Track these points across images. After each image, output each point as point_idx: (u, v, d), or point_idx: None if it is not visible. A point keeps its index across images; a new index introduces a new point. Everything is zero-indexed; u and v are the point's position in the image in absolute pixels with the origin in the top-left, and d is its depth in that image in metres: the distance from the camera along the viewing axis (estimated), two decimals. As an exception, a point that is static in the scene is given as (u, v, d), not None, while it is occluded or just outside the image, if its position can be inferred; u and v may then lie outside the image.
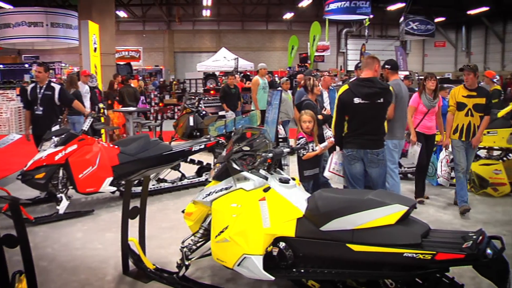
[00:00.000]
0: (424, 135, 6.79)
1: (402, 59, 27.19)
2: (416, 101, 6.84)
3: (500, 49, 37.80)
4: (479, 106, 6.28)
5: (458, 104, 6.39)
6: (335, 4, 23.07)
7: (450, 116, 6.52)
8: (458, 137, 6.40)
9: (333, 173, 5.32)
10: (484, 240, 2.98)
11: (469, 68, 6.37)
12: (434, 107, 6.81)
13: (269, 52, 39.87)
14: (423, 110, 6.78)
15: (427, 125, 6.85)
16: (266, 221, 3.59)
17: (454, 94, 6.49)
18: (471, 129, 6.32)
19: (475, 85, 6.35)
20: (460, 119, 6.37)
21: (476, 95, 6.28)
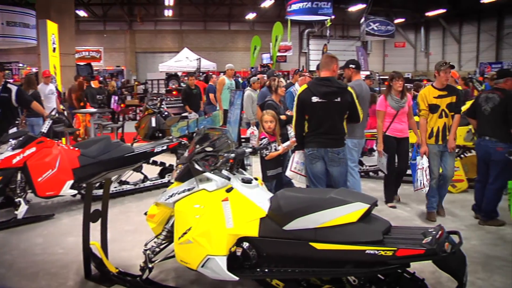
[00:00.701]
0: (396, 139, 6.54)
1: (363, 59, 27.62)
2: (382, 105, 6.54)
3: (457, 49, 38.96)
4: (451, 105, 6.00)
5: (430, 107, 6.03)
6: (297, 4, 23.21)
7: (423, 121, 6.09)
8: (434, 141, 6.06)
9: (294, 173, 5.36)
10: (443, 236, 3.07)
11: (450, 65, 6.02)
12: (403, 108, 6.49)
13: (232, 52, 39.91)
14: (391, 112, 6.49)
15: (398, 127, 6.54)
16: (229, 221, 3.59)
17: (425, 97, 6.07)
18: (447, 131, 6.03)
19: (443, 84, 6.04)
20: (434, 122, 6.03)
21: (447, 94, 5.99)
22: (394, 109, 6.45)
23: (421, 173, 6.11)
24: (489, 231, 5.79)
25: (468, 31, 38.11)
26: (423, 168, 6.09)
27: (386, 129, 6.52)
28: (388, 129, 6.53)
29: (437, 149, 6.08)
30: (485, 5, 31.99)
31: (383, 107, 6.52)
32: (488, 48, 36.00)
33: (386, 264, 3.08)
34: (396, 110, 6.45)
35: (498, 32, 35.16)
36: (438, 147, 6.07)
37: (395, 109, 6.45)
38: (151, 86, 25.13)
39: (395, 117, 6.49)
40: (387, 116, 6.52)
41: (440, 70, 5.96)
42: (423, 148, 6.11)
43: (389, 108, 6.48)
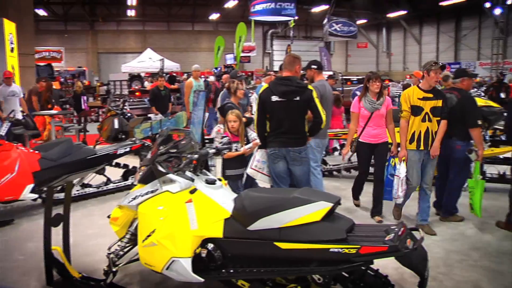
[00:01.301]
0: (369, 145, 6.06)
1: (326, 59, 27.91)
2: (356, 106, 6.10)
3: (418, 50, 39.87)
4: (436, 109, 5.56)
5: (413, 109, 5.59)
6: (260, 5, 23.29)
7: (404, 123, 5.65)
8: (415, 147, 5.60)
9: (255, 171, 5.37)
10: (405, 232, 3.14)
11: (439, 65, 5.60)
12: (378, 109, 5.97)
13: (196, 52, 39.77)
14: (365, 114, 6.02)
15: (372, 132, 6.03)
16: (193, 223, 3.57)
17: (408, 97, 5.63)
18: (429, 136, 5.58)
19: (431, 86, 5.64)
20: (416, 125, 5.58)
21: (432, 97, 5.56)
22: (368, 111, 6.00)
23: (397, 181, 5.69)
24: (449, 226, 5.95)
25: (428, 32, 39.06)
26: (399, 176, 5.66)
27: (359, 134, 6.08)
28: (361, 134, 6.07)
29: (418, 156, 5.63)
30: (443, 7, 32.95)
31: (357, 109, 6.09)
32: (447, 49, 36.95)
33: (350, 261, 3.12)
34: (370, 112, 5.98)
35: (456, 33, 36.15)
36: (419, 154, 5.62)
37: (369, 111, 5.99)
38: (114, 87, 24.80)
39: (369, 120, 6.02)
40: (361, 119, 6.09)
41: (430, 70, 5.52)
42: (402, 152, 5.68)
43: (362, 110, 6.04)
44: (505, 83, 19.35)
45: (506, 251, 5.15)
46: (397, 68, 41.22)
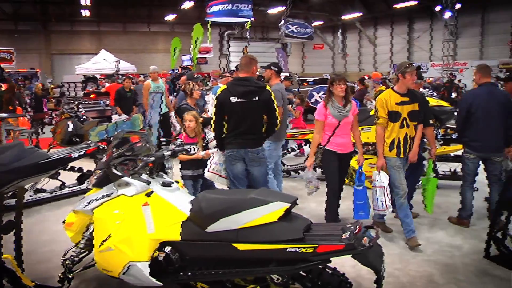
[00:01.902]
0: (338, 155, 5.54)
1: (283, 60, 28.11)
2: (321, 113, 5.51)
3: (373, 51, 40.68)
4: (414, 113, 5.30)
5: (391, 115, 5.27)
6: (217, 6, 23.25)
7: (380, 130, 5.34)
8: (396, 154, 5.29)
9: (213, 173, 5.34)
10: (361, 230, 3.20)
11: (414, 66, 5.30)
12: (346, 117, 5.47)
13: (152, 54, 39.39)
14: (332, 123, 5.45)
15: (339, 141, 5.50)
16: (150, 226, 3.53)
17: (385, 102, 5.28)
18: (408, 143, 5.32)
19: (407, 89, 5.33)
20: (395, 132, 5.29)
21: (409, 101, 5.27)
22: (336, 119, 5.41)
23: (381, 192, 5.30)
24: (404, 224, 6.07)
25: (382, 34, 39.90)
26: (382, 186, 5.30)
27: (326, 143, 5.50)
28: (327, 143, 5.50)
29: (399, 162, 5.32)
30: (396, 10, 33.84)
31: (322, 116, 5.48)
32: (401, 50, 37.84)
33: (307, 260, 3.16)
34: (338, 120, 5.41)
35: (409, 35, 37.07)
36: (400, 160, 5.33)
37: (336, 119, 5.41)
38: (68, 89, 24.23)
39: (336, 128, 5.45)
40: (327, 127, 5.49)
41: (405, 72, 5.19)
42: (380, 161, 5.34)
43: (329, 118, 5.45)
44: (456, 84, 20.00)
45: (458, 245, 5.34)
46: (353, 69, 41.94)
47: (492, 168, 5.79)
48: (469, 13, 30.82)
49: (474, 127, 5.72)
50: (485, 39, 31.12)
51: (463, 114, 5.79)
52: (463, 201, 5.96)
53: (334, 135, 5.47)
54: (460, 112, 5.91)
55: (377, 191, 5.32)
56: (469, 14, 30.84)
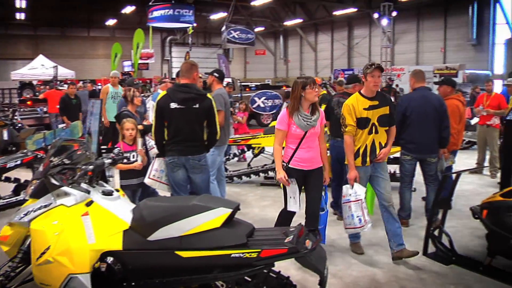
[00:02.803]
0: (303, 172, 4.71)
1: (225, 66, 28.04)
2: (284, 122, 4.68)
3: (314, 57, 41.40)
4: (384, 118, 4.90)
5: (359, 121, 4.83)
6: (158, 11, 22.96)
7: (349, 140, 4.86)
8: (361, 163, 4.89)
9: (153, 180, 5.26)
10: (303, 234, 3.24)
11: (377, 66, 4.84)
12: (313, 127, 4.68)
13: (92, 59, 38.47)
14: (297, 133, 4.64)
15: (305, 156, 4.68)
16: (91, 236, 3.44)
17: (352, 109, 4.82)
18: (376, 149, 4.91)
19: (373, 92, 4.91)
20: (363, 139, 4.87)
21: (378, 105, 4.87)
22: (302, 129, 4.62)
23: (357, 207, 4.80)
24: (346, 226, 6.19)
25: (323, 40, 40.69)
26: (358, 200, 4.81)
27: (289, 159, 4.68)
28: (291, 159, 4.68)
29: (365, 172, 4.97)
30: (337, 17, 34.68)
31: (285, 126, 4.67)
32: (341, 56, 38.70)
33: (251, 266, 3.17)
34: (304, 130, 4.63)
35: (349, 41, 37.97)
36: (366, 170, 4.96)
37: (302, 129, 4.62)
38: (2, 95, 23.33)
39: (302, 140, 4.65)
40: (291, 139, 4.70)
41: (366, 74, 4.81)
42: (353, 173, 4.87)
43: (293, 128, 4.63)
44: (394, 88, 20.68)
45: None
46: (294, 75, 42.40)
47: (428, 168, 6.03)
48: (405, 21, 31.97)
49: (409, 129, 5.92)
50: (421, 46, 32.35)
51: (399, 117, 5.97)
52: (402, 202, 6.15)
53: (299, 148, 4.65)
54: (397, 116, 6.10)
55: (352, 207, 4.80)
56: (405, 21, 31.99)
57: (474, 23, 27.74)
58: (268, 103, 14.58)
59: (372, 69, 4.78)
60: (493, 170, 9.10)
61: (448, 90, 6.61)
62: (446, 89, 6.61)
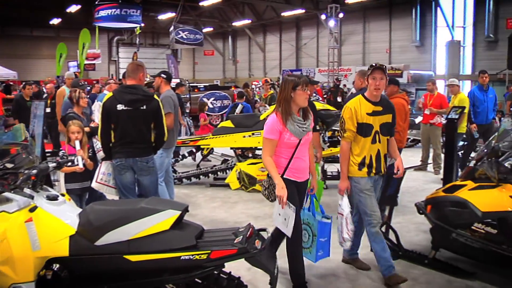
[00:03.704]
0: (296, 184, 4.17)
1: (173, 67, 27.91)
2: (275, 130, 4.03)
3: (262, 57, 41.61)
4: (386, 126, 4.45)
5: (361, 127, 4.35)
6: (105, 11, 22.55)
7: (346, 146, 4.42)
8: (367, 173, 4.41)
9: (101, 184, 5.15)
10: (253, 234, 3.27)
11: (378, 67, 4.34)
12: (307, 133, 4.16)
13: (36, 60, 37.24)
14: (291, 142, 4.06)
15: (300, 166, 4.18)
16: (35, 243, 3.33)
17: (354, 112, 4.34)
18: (381, 160, 4.46)
19: (377, 96, 4.41)
20: (367, 148, 4.38)
21: (382, 111, 4.42)
22: (296, 137, 4.06)
23: (340, 221, 4.42)
24: (296, 225, 6.25)
25: (271, 41, 40.96)
26: (343, 214, 4.41)
27: (284, 170, 4.10)
28: (285, 170, 4.11)
29: (370, 184, 4.46)
30: (285, 18, 35.02)
31: (276, 134, 4.03)
32: (289, 56, 39.06)
33: (202, 267, 3.16)
34: (299, 138, 4.07)
35: (297, 42, 38.39)
36: (371, 180, 4.47)
37: (297, 137, 4.06)
38: None
39: (296, 149, 4.10)
40: (283, 149, 4.09)
41: (368, 76, 4.38)
42: (344, 183, 4.48)
43: (287, 136, 4.03)
44: (341, 88, 21.06)
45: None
46: (243, 75, 42.59)
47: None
48: (352, 22, 32.63)
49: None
50: (367, 47, 33.09)
51: (345, 116, 6.10)
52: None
53: (294, 157, 4.10)
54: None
55: (338, 219, 4.47)
56: (352, 23, 32.65)
57: (418, 26, 28.64)
58: (217, 103, 14.59)
59: (372, 71, 4.33)
60: (436, 167, 9.45)
61: (395, 89, 6.80)
62: (393, 89, 6.79)
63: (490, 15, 24.79)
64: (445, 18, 26.84)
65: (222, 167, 8.72)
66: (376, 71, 4.30)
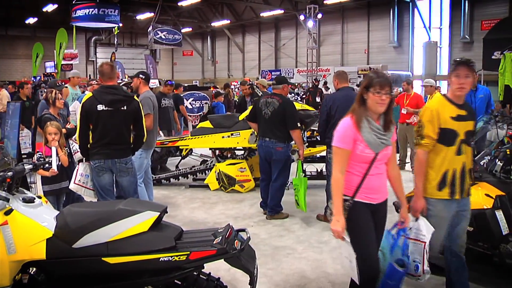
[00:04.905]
0: (371, 207, 3.32)
1: (152, 67, 27.74)
2: (349, 137, 3.23)
3: (241, 58, 41.60)
4: (469, 135, 3.65)
5: (444, 134, 3.54)
6: (82, 11, 22.30)
7: (423, 156, 3.60)
8: (449, 195, 3.56)
9: (79, 185, 5.10)
10: (232, 234, 3.25)
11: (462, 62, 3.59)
12: (387, 147, 3.32)
13: (11, 60, 36.65)
14: (365, 155, 3.23)
15: (375, 185, 3.31)
16: (11, 247, 3.27)
17: (436, 115, 3.53)
18: (465, 178, 3.62)
19: (461, 98, 3.65)
20: (449, 161, 3.56)
21: (467, 116, 3.61)
22: (372, 150, 3.23)
23: (416, 248, 3.48)
24: (276, 224, 6.31)
25: (250, 41, 40.99)
26: (423, 242, 3.46)
27: (355, 190, 3.27)
28: (358, 190, 3.27)
29: (450, 209, 3.61)
30: (264, 18, 35.06)
31: (349, 143, 3.24)
32: (268, 57, 39.13)
33: (181, 268, 3.14)
34: (376, 151, 3.24)
35: (276, 42, 38.47)
36: (451, 205, 3.61)
37: (373, 150, 3.23)
38: None
39: (371, 165, 3.27)
40: (355, 162, 3.28)
41: (451, 74, 3.61)
42: (419, 203, 3.60)
43: (361, 147, 3.22)
44: (320, 89, 21.18)
45: (326, 241, 5.65)
46: (222, 76, 42.54)
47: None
48: (331, 23, 32.81)
49: (334, 128, 6.09)
50: (345, 47, 33.31)
51: (323, 117, 6.14)
52: (329, 199, 6.31)
53: (368, 174, 3.27)
54: (321, 115, 6.27)
55: (409, 246, 3.52)
56: (330, 23, 32.83)
57: (395, 27, 28.96)
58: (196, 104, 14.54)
59: (455, 67, 3.59)
60: (414, 166, 9.55)
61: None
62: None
63: (466, 16, 25.26)
64: (422, 19, 27.17)
65: (201, 168, 8.70)
66: (460, 67, 3.54)
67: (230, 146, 8.37)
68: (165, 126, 9.69)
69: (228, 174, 7.96)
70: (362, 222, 3.26)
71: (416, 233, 3.51)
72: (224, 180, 7.98)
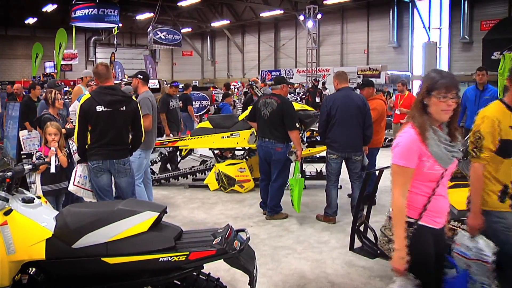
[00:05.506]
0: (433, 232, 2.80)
1: (151, 67, 27.71)
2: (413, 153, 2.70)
3: (241, 58, 41.62)
4: None
5: (505, 146, 3.15)
6: (82, 11, 22.28)
7: (480, 170, 3.20)
8: (510, 207, 3.18)
9: (78, 187, 5.10)
10: (231, 235, 3.24)
11: None
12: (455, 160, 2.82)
13: (10, 60, 36.63)
14: (433, 172, 2.74)
15: (442, 206, 2.85)
16: (10, 247, 3.27)
17: (498, 126, 3.13)
18: None
19: None
20: (508, 173, 3.19)
21: None
22: (442, 166, 2.73)
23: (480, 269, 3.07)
24: (275, 224, 6.30)
25: (250, 41, 41.01)
26: (487, 262, 3.04)
27: (420, 213, 2.77)
28: (423, 213, 2.77)
29: None
30: (263, 18, 35.05)
31: (413, 159, 2.71)
32: (268, 57, 39.15)
33: (180, 269, 3.14)
34: (445, 167, 2.75)
35: (275, 43, 38.48)
36: None
37: (443, 165, 2.73)
38: None
39: (439, 183, 2.78)
40: (420, 181, 2.77)
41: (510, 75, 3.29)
42: (477, 220, 3.20)
43: (429, 163, 2.71)
44: (319, 89, 21.17)
45: (325, 241, 5.66)
46: (222, 76, 42.55)
47: (353, 166, 6.24)
48: (330, 23, 32.84)
49: (334, 129, 6.11)
50: (345, 47, 33.33)
51: (323, 117, 6.16)
52: (328, 199, 6.32)
53: (435, 194, 2.78)
54: (321, 115, 6.28)
55: (472, 267, 3.09)
56: (330, 23, 32.86)
57: (395, 27, 28.97)
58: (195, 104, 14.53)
59: None
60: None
61: (370, 91, 6.88)
62: (369, 90, 6.87)
63: (465, 17, 25.28)
64: (421, 20, 27.17)
65: (201, 168, 8.69)
66: None
67: (230, 146, 8.37)
68: (175, 128, 9.69)
69: (228, 175, 7.96)
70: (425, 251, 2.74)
71: (476, 252, 3.10)
72: (224, 180, 7.98)
